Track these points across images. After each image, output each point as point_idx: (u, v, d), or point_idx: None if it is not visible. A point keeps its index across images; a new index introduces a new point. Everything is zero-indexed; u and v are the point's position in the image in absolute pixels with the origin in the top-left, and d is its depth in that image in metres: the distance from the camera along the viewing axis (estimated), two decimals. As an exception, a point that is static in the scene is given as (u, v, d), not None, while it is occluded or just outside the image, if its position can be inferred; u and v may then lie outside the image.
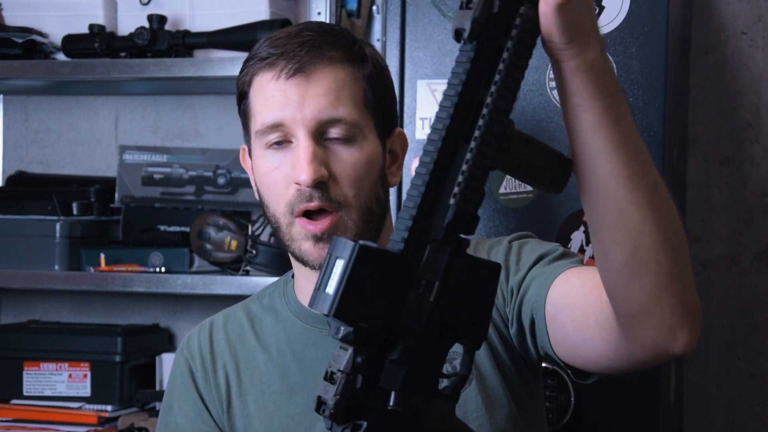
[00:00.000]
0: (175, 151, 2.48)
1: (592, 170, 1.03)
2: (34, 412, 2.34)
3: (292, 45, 1.31)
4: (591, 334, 1.16)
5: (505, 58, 0.99)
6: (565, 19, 0.98)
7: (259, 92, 1.34)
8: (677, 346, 1.07)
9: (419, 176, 1.00)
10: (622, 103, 1.03)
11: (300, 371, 1.39)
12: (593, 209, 1.06)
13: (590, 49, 1.00)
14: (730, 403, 2.29)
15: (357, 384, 0.97)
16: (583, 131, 1.02)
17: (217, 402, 1.42)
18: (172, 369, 1.47)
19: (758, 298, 2.28)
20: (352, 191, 1.31)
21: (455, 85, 1.00)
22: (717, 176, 2.29)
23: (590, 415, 1.80)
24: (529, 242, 1.37)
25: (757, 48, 2.27)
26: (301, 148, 1.30)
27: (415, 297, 0.99)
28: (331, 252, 0.98)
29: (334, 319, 0.97)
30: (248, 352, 1.42)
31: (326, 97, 1.30)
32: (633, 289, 1.05)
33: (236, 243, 2.26)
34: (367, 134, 1.33)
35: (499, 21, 0.99)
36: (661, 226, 1.04)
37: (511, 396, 1.36)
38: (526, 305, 1.28)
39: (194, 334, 1.46)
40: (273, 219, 1.36)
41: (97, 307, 2.62)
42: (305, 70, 1.30)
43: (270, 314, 1.44)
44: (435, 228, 1.00)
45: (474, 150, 0.99)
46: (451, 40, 1.87)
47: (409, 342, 0.99)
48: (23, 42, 2.32)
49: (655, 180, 1.04)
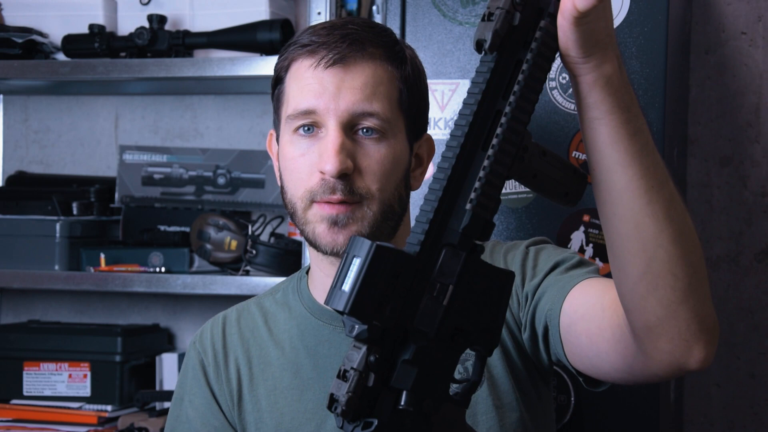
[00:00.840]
0: (175, 151, 2.48)
1: (609, 182, 1.04)
2: (34, 412, 2.34)
3: (334, 36, 1.32)
4: (606, 347, 1.17)
5: (525, 70, 1.02)
6: (582, 32, 1.00)
7: (295, 78, 1.34)
8: (693, 360, 1.08)
9: (437, 181, 1.02)
10: (639, 117, 1.04)
11: (312, 367, 1.39)
12: (610, 221, 1.07)
13: (608, 63, 1.02)
14: (730, 403, 2.29)
15: (369, 382, 0.99)
16: (600, 144, 1.04)
17: (228, 396, 1.42)
18: (185, 362, 1.47)
19: (758, 298, 2.28)
20: (376, 185, 1.31)
21: (475, 94, 1.02)
22: (717, 176, 2.29)
23: (590, 415, 1.80)
24: (545, 248, 1.37)
25: (757, 48, 2.27)
26: (330, 137, 1.30)
27: (429, 299, 1.01)
28: (348, 250, 0.99)
29: (348, 317, 0.99)
30: (261, 347, 1.42)
31: (362, 90, 1.30)
32: (649, 302, 1.06)
33: (236, 243, 2.26)
34: (396, 133, 1.33)
35: (520, 34, 1.02)
36: (677, 239, 1.05)
37: (522, 400, 1.36)
38: (540, 312, 1.28)
39: (207, 328, 1.46)
40: (290, 204, 1.35)
41: (97, 307, 2.62)
42: (345, 61, 1.31)
43: (283, 310, 1.44)
44: (451, 232, 1.02)
45: (491, 158, 1.01)
46: (451, 40, 1.88)
47: (421, 343, 1.00)
48: (23, 42, 2.32)
49: (672, 193, 1.05)
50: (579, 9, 0.98)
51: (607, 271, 1.79)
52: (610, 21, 1.02)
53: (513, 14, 1.01)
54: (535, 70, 1.02)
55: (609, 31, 1.02)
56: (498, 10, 1.00)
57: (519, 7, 1.01)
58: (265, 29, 2.19)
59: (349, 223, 1.30)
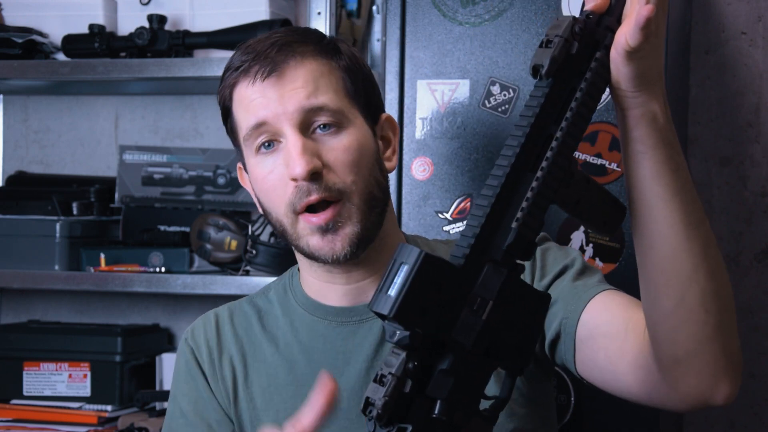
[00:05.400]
0: (175, 151, 2.48)
1: (650, 215, 1.07)
2: (34, 412, 2.34)
3: (262, 47, 1.33)
4: (625, 370, 1.18)
5: (578, 97, 1.04)
6: (633, 68, 1.03)
7: (239, 101, 1.35)
8: (719, 396, 1.10)
9: (485, 197, 1.04)
10: (680, 154, 1.07)
11: (307, 363, 1.39)
12: (646, 254, 1.09)
13: (655, 100, 1.05)
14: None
15: (406, 388, 0.99)
16: (642, 177, 1.06)
17: (223, 393, 1.42)
18: (177, 359, 1.47)
19: (758, 298, 2.28)
20: (350, 177, 1.31)
21: (528, 117, 1.05)
22: (717, 176, 2.29)
23: (590, 415, 1.80)
24: (550, 249, 1.38)
25: (757, 48, 2.27)
26: (290, 143, 1.30)
27: (469, 312, 1.02)
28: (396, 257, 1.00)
29: (390, 323, 1.00)
30: (255, 345, 1.42)
31: (305, 88, 1.31)
32: (680, 335, 1.08)
33: (236, 243, 2.26)
34: (353, 120, 1.34)
35: (575, 63, 1.05)
36: (711, 276, 1.07)
37: (528, 395, 1.37)
38: (552, 316, 1.29)
39: (199, 325, 1.46)
40: (277, 224, 1.35)
41: (97, 307, 2.62)
42: (279, 68, 1.31)
43: (277, 307, 1.44)
44: (494, 248, 1.04)
45: (540, 179, 1.03)
46: (451, 40, 1.88)
47: (458, 355, 1.02)
48: (23, 42, 2.32)
49: (708, 232, 1.08)
50: (630, 44, 1.01)
51: (606, 271, 1.79)
52: (660, 60, 1.05)
53: (571, 43, 1.04)
54: (587, 99, 1.05)
55: (659, 70, 1.05)
56: (557, 37, 1.03)
57: (577, 37, 1.04)
58: (265, 29, 2.19)
59: (338, 226, 1.30)
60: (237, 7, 2.27)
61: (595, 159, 1.81)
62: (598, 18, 1.06)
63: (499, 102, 1.86)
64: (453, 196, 1.88)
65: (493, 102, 1.86)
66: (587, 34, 1.05)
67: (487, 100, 1.86)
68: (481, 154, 1.86)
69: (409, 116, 1.90)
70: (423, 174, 1.89)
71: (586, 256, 1.80)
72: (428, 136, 1.89)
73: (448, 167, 1.88)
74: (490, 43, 1.86)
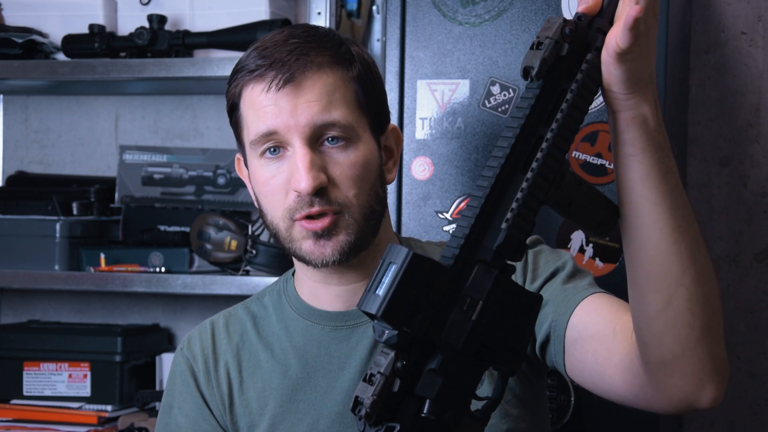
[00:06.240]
0: (175, 151, 2.48)
1: (638, 218, 1.07)
2: (34, 412, 2.34)
3: (280, 54, 1.31)
4: (612, 372, 1.18)
5: (568, 99, 1.05)
6: (624, 69, 1.03)
7: (250, 104, 1.34)
8: (704, 399, 1.10)
9: (475, 198, 1.04)
10: (670, 158, 1.07)
11: (302, 367, 1.39)
12: (635, 257, 1.09)
13: (646, 103, 1.05)
14: (730, 403, 2.29)
15: (394, 387, 1.00)
16: (632, 180, 1.06)
17: (219, 401, 1.42)
18: (171, 369, 1.47)
19: (758, 298, 2.28)
20: (353, 191, 1.31)
21: (518, 118, 1.05)
22: (717, 176, 2.29)
23: (590, 415, 1.80)
24: (542, 251, 1.39)
25: (757, 48, 2.27)
26: (298, 156, 1.29)
27: (458, 313, 1.02)
28: (384, 257, 1.01)
29: (379, 323, 1.01)
30: (250, 351, 1.43)
31: (318, 102, 1.30)
32: (667, 338, 1.08)
33: (236, 243, 2.26)
34: (361, 134, 1.33)
35: (566, 64, 1.05)
36: (699, 279, 1.07)
37: (521, 396, 1.37)
38: (543, 318, 1.29)
39: (195, 335, 1.47)
40: (272, 225, 1.35)
41: (97, 307, 2.62)
42: (295, 79, 1.30)
43: (271, 312, 1.44)
44: (485, 249, 1.04)
45: (530, 180, 1.04)
46: (451, 40, 1.88)
47: (448, 355, 1.02)
48: (23, 42, 2.32)
49: (696, 235, 1.08)
50: (620, 46, 1.01)
51: (606, 271, 1.79)
52: (652, 62, 1.06)
53: (562, 45, 1.04)
54: (578, 101, 1.05)
55: (651, 72, 1.05)
56: (547, 39, 1.03)
57: (568, 39, 1.04)
58: (265, 29, 2.19)
59: (333, 234, 1.31)
60: (237, 7, 2.27)
61: (595, 159, 1.81)
62: (590, 20, 1.06)
63: (499, 102, 1.86)
64: (453, 196, 1.88)
65: (493, 102, 1.86)
66: (578, 35, 1.05)
67: (487, 100, 1.86)
68: (481, 154, 1.86)
69: (409, 116, 1.90)
70: (423, 174, 1.89)
71: (586, 256, 1.80)
72: (428, 136, 1.89)
73: (448, 167, 1.88)
74: (490, 43, 1.86)
